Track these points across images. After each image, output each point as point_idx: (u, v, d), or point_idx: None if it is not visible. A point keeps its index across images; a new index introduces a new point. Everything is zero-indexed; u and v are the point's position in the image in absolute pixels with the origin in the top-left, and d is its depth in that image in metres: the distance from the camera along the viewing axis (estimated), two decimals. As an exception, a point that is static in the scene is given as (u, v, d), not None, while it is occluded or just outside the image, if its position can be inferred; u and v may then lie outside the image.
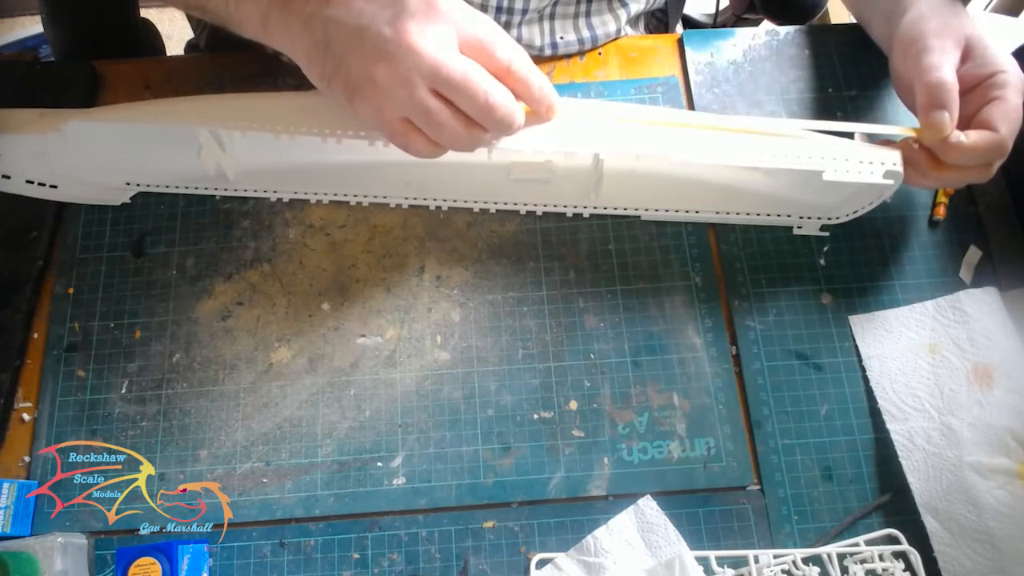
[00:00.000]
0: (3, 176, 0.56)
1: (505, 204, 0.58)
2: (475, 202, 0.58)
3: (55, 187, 0.57)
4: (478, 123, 0.44)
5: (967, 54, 0.49)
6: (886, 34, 0.55)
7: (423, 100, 0.42)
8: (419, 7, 0.42)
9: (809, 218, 0.56)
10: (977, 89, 0.49)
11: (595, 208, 0.57)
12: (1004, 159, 0.49)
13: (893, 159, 0.49)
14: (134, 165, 0.57)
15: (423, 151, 0.45)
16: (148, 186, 0.58)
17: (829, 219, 0.56)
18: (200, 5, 0.49)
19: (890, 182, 0.49)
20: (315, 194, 0.58)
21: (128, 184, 0.58)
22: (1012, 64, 0.49)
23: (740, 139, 0.50)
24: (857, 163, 0.49)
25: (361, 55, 0.42)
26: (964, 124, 0.48)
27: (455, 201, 0.58)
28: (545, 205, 0.57)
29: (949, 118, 0.47)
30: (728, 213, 0.56)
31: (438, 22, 0.42)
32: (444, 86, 0.42)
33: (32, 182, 0.56)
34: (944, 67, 0.48)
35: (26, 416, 0.53)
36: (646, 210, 0.57)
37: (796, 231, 0.57)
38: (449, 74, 0.42)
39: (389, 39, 0.42)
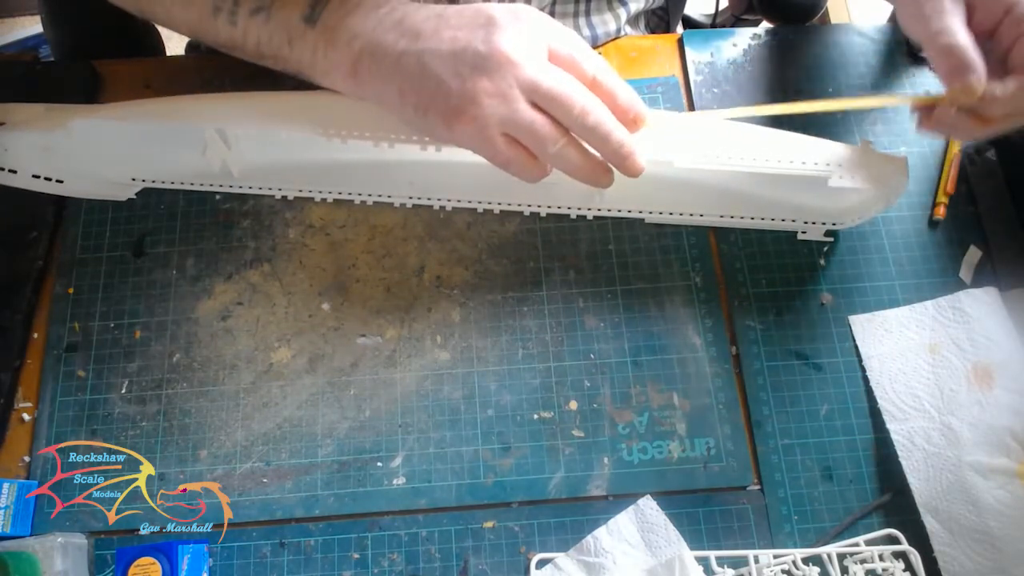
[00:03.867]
0: (9, 171, 0.56)
1: (508, 205, 0.58)
2: (478, 202, 0.58)
3: (61, 182, 0.57)
4: (575, 135, 0.44)
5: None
6: None
7: (524, 113, 0.43)
8: (508, 23, 0.43)
9: (813, 224, 0.56)
10: (1000, 28, 0.46)
11: (598, 211, 0.57)
12: None
13: (898, 164, 0.49)
14: (139, 161, 0.57)
15: (526, 170, 0.46)
16: (153, 182, 0.58)
17: (834, 225, 0.56)
18: (272, 54, 0.48)
19: (895, 188, 0.49)
20: (319, 192, 0.58)
21: (133, 180, 0.58)
22: None
23: (745, 144, 0.50)
24: (863, 169, 0.49)
25: (459, 78, 0.43)
26: (997, 70, 0.45)
27: (458, 201, 0.58)
28: (548, 207, 0.57)
29: (977, 78, 0.44)
30: (732, 218, 0.57)
31: (529, 36, 0.43)
32: (543, 98, 0.43)
33: (38, 177, 0.56)
34: (953, 28, 0.45)
35: (26, 416, 0.53)
36: (650, 213, 0.57)
37: (800, 236, 0.57)
38: (549, 86, 0.42)
39: (486, 56, 0.42)
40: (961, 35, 0.45)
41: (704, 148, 0.50)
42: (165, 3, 0.50)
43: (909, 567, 0.47)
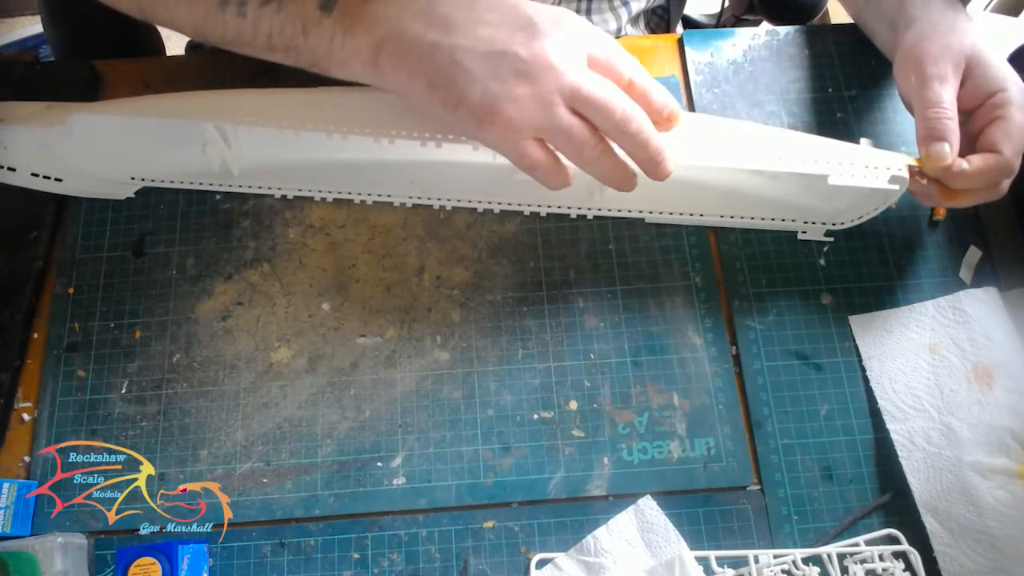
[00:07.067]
0: (8, 168, 0.56)
1: (509, 204, 0.58)
2: (479, 202, 0.58)
3: (60, 180, 0.57)
4: (611, 141, 0.44)
5: (967, 74, 0.49)
6: (891, 42, 0.55)
7: (563, 117, 0.42)
8: (550, 28, 0.43)
9: (813, 223, 0.56)
10: (979, 109, 0.49)
11: (599, 210, 0.57)
12: (1012, 177, 0.49)
13: (899, 164, 0.49)
14: (139, 159, 0.57)
15: (551, 175, 0.45)
16: (153, 181, 0.58)
17: (834, 224, 0.56)
18: (285, 46, 0.46)
19: (896, 187, 0.49)
20: (319, 192, 0.58)
21: (133, 178, 0.58)
22: (1013, 81, 0.49)
23: (745, 142, 0.50)
24: (863, 168, 0.49)
25: (498, 79, 0.42)
26: (969, 144, 0.49)
27: (459, 201, 0.58)
28: (549, 206, 0.57)
29: (948, 149, 0.47)
30: (732, 217, 0.57)
31: (569, 41, 0.43)
32: (582, 103, 0.42)
33: (37, 175, 0.56)
34: (942, 99, 0.48)
35: (26, 416, 0.53)
36: (650, 213, 0.57)
37: (800, 236, 0.57)
38: (589, 91, 0.42)
39: (528, 61, 0.42)
40: (947, 105, 0.48)
41: (704, 147, 0.50)
42: (168, 3, 0.48)
43: (909, 567, 0.47)
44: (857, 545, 0.48)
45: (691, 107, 0.61)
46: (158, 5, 0.49)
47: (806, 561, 0.47)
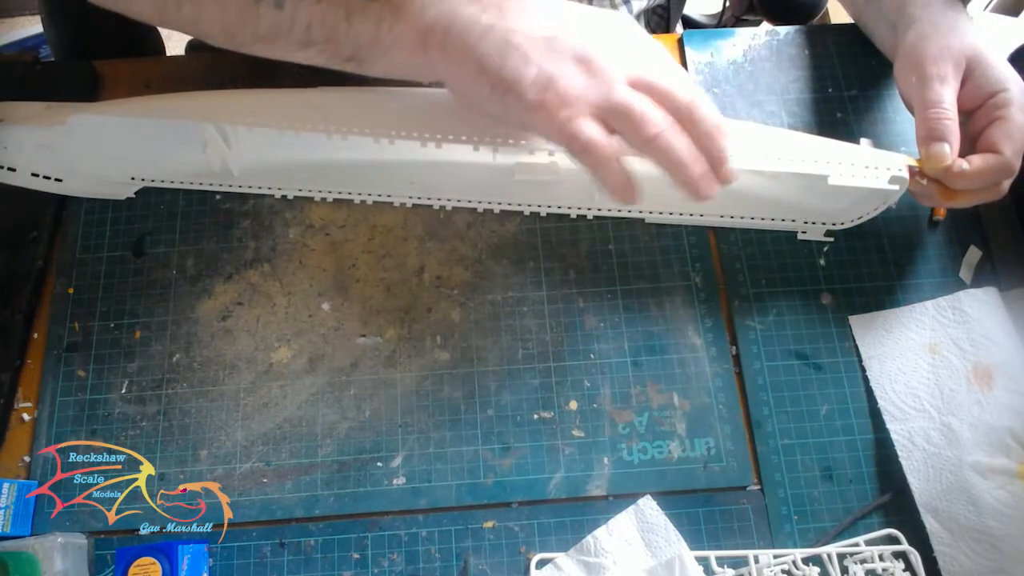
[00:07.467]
0: (8, 168, 0.56)
1: (509, 204, 0.58)
2: (479, 202, 0.58)
3: (60, 180, 0.57)
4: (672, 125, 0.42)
5: (968, 74, 0.49)
6: (891, 42, 0.55)
7: (623, 91, 0.41)
8: (604, 21, 0.43)
9: (813, 223, 0.56)
10: (980, 109, 0.49)
11: (598, 211, 0.57)
12: (1013, 177, 0.49)
13: (899, 164, 0.49)
14: (139, 160, 0.57)
15: (604, 164, 0.42)
16: (153, 181, 0.58)
17: (834, 225, 0.56)
18: (324, 38, 0.44)
19: (895, 188, 0.49)
20: (319, 192, 0.58)
21: (133, 179, 0.58)
22: (1014, 81, 0.49)
23: (745, 142, 0.50)
24: (863, 168, 0.49)
25: (553, 59, 0.41)
26: (970, 145, 0.49)
27: (459, 201, 0.58)
28: (549, 206, 0.57)
29: (948, 149, 0.47)
30: (732, 217, 0.57)
31: (623, 37, 0.43)
32: (644, 84, 0.42)
33: (37, 175, 0.56)
34: (943, 99, 0.48)
35: (26, 416, 0.53)
36: (650, 213, 0.57)
37: (800, 236, 0.57)
38: (650, 76, 0.41)
39: (585, 43, 0.42)
40: (948, 106, 0.48)
41: None
42: (196, 1, 0.46)
43: (909, 567, 0.47)
44: (857, 545, 0.48)
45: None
46: (183, 4, 0.46)
47: (806, 561, 0.47)
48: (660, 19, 0.80)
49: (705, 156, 0.42)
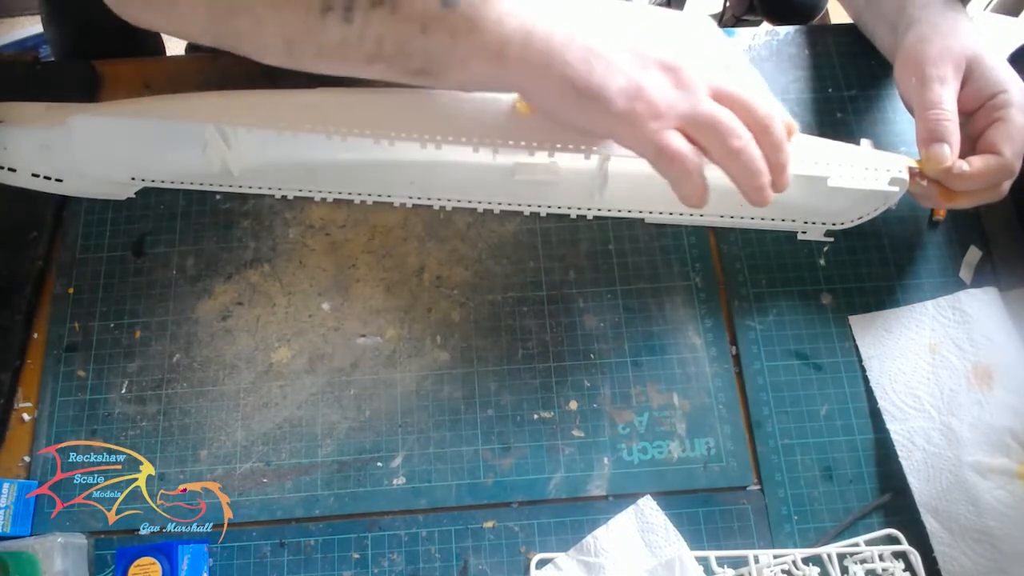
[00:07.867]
0: (9, 169, 0.56)
1: (509, 205, 0.58)
2: (479, 202, 0.58)
3: (60, 181, 0.57)
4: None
5: (968, 75, 0.49)
6: (891, 43, 0.55)
7: (710, 103, 0.41)
8: (688, 31, 0.43)
9: (813, 223, 0.56)
10: (980, 111, 0.49)
11: (599, 210, 0.57)
12: (1013, 179, 0.49)
13: (899, 165, 0.49)
14: (139, 160, 0.57)
15: (688, 177, 0.42)
16: (153, 182, 0.58)
17: (833, 225, 0.56)
18: (395, 52, 0.43)
19: (895, 189, 0.49)
20: (319, 192, 0.58)
21: (133, 179, 0.58)
22: (1014, 83, 0.49)
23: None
24: (863, 169, 0.49)
25: (641, 68, 0.41)
26: (970, 146, 0.49)
27: (459, 201, 0.58)
28: (549, 206, 0.57)
29: (948, 150, 0.47)
30: (732, 217, 0.57)
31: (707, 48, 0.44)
32: (727, 96, 0.42)
33: (37, 175, 0.56)
34: (943, 100, 0.48)
35: (26, 416, 0.53)
36: (650, 213, 0.57)
37: (800, 236, 0.57)
38: (733, 88, 0.42)
39: (672, 54, 0.42)
40: (948, 107, 0.48)
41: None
42: (256, 14, 0.43)
43: (909, 567, 0.47)
44: (857, 545, 0.48)
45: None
46: (240, 16, 0.43)
47: (806, 561, 0.47)
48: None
49: (768, 165, 0.42)
